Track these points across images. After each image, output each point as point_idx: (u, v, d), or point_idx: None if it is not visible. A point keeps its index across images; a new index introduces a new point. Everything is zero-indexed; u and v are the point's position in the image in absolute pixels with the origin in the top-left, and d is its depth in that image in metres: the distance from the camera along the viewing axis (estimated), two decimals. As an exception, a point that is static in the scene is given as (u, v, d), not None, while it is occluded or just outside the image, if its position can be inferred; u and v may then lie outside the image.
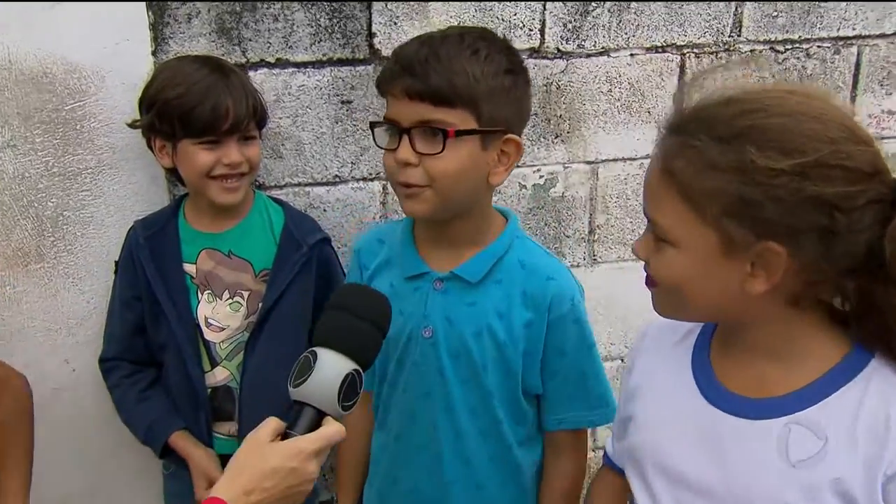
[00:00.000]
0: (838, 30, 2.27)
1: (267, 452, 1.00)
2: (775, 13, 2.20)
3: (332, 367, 1.05)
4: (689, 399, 1.10)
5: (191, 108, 1.63)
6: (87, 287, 1.92)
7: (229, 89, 1.67)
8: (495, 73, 1.32)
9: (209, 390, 1.80)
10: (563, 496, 1.55)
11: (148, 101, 1.70)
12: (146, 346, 1.83)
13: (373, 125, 1.42)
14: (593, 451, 2.42)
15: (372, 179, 2.05)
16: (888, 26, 2.32)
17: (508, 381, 1.46)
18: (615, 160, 2.22)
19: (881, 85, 2.37)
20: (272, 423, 1.04)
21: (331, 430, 1.03)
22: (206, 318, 1.79)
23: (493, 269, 1.44)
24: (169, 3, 1.80)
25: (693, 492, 1.07)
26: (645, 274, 1.07)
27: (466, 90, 1.30)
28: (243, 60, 1.88)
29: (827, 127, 0.92)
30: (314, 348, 1.07)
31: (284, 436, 1.03)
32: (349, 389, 1.05)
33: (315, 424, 1.04)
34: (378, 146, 1.40)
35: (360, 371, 1.07)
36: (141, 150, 1.83)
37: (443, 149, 1.30)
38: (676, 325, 1.16)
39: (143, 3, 1.78)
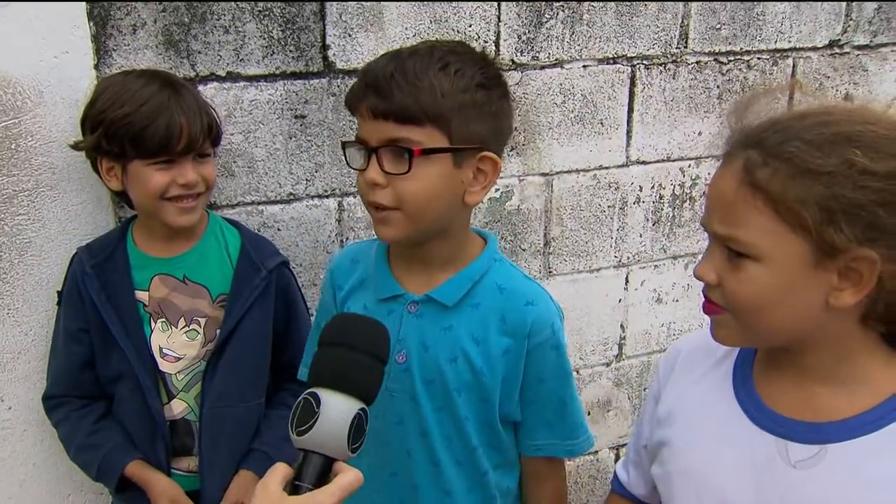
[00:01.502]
0: (775, 42, 2.35)
1: None
2: (719, 26, 2.25)
3: (337, 409, 0.97)
4: (735, 422, 1.06)
5: (142, 128, 1.52)
6: (24, 318, 1.78)
7: (182, 106, 1.57)
8: (465, 88, 1.25)
9: (167, 424, 1.69)
10: None
11: (93, 121, 1.57)
12: (95, 381, 1.70)
13: (345, 145, 1.35)
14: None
15: (327, 196, 1.98)
16: (819, 40, 2.41)
17: (484, 407, 1.41)
18: (569, 172, 2.22)
19: (814, 96, 2.44)
20: (281, 471, 0.96)
21: (348, 478, 0.95)
22: (160, 348, 1.68)
23: (470, 292, 1.38)
24: (112, 13, 1.69)
25: None
26: (703, 301, 1.03)
27: (433, 107, 1.22)
28: (192, 74, 1.78)
29: None
30: (314, 390, 0.99)
31: (293, 487, 0.95)
32: (357, 430, 0.98)
33: (324, 472, 0.97)
34: (350, 167, 1.33)
35: (366, 409, 1.00)
36: (84, 171, 1.71)
37: (409, 168, 1.24)
38: (710, 348, 1.12)
39: (84, 14, 1.67)
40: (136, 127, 1.53)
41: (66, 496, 1.92)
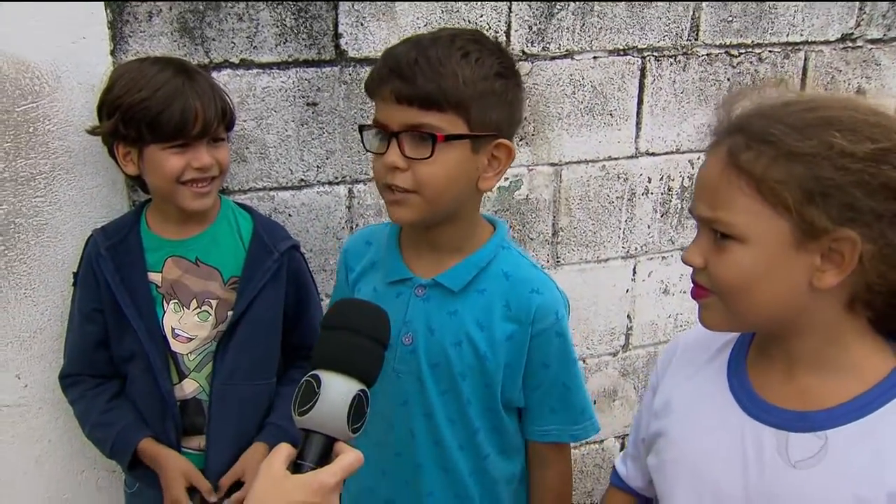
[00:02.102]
0: (787, 35, 2.35)
1: (288, 488, 0.94)
2: (730, 18, 2.26)
3: (337, 390, 1.00)
4: (729, 413, 1.08)
5: (158, 113, 1.56)
6: (41, 298, 1.82)
7: (197, 91, 1.60)
8: (485, 77, 1.29)
9: (178, 403, 1.73)
10: None
11: (109, 107, 1.61)
12: (109, 360, 1.75)
13: (362, 128, 1.38)
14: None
15: (338, 183, 2.01)
16: (831, 33, 2.41)
17: (487, 392, 1.44)
18: (578, 162, 2.23)
19: (826, 89, 2.46)
20: (284, 451, 0.99)
21: (349, 458, 0.98)
22: (172, 329, 1.72)
23: (476, 278, 1.41)
24: (128, 0, 1.73)
25: None
26: (692, 286, 1.05)
27: (455, 94, 1.26)
28: (206, 61, 1.81)
29: (892, 120, 0.95)
30: (316, 372, 1.02)
31: (296, 466, 0.98)
32: (357, 411, 1.01)
33: (326, 451, 0.99)
34: (367, 150, 1.36)
35: (366, 391, 1.03)
36: (99, 155, 1.74)
37: (432, 153, 1.27)
38: (707, 342, 1.15)
39: (102, 1, 1.70)
40: (152, 111, 1.56)
41: (80, 472, 1.97)
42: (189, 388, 1.74)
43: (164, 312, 1.71)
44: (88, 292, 1.71)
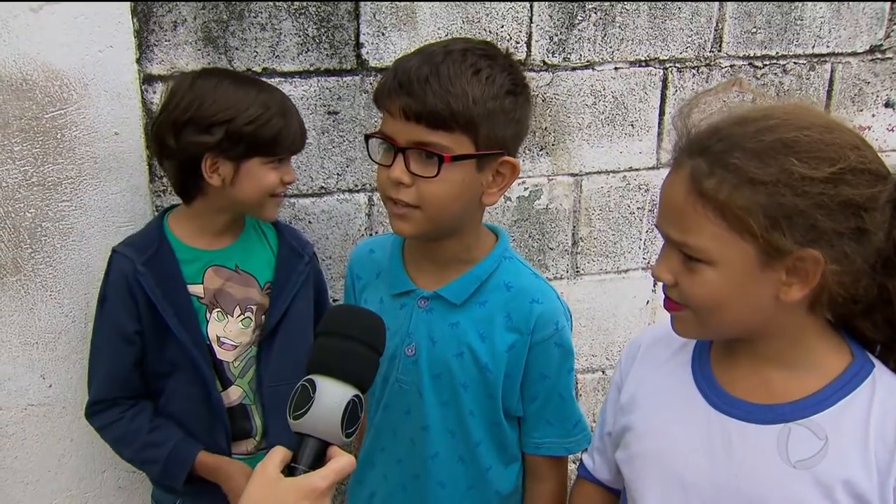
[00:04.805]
0: (813, 47, 2.33)
1: (280, 490, 0.96)
2: (754, 29, 2.24)
3: (331, 396, 1.01)
4: (694, 406, 1.13)
5: (278, 130, 1.60)
6: (65, 300, 1.86)
7: (293, 109, 1.67)
8: (495, 95, 1.28)
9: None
10: None
11: (204, 123, 1.57)
12: (142, 378, 1.72)
13: (367, 137, 1.38)
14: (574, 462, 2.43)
15: (358, 191, 2.03)
16: (859, 45, 2.38)
17: (489, 403, 1.44)
18: (599, 173, 2.23)
19: (853, 101, 2.44)
20: (279, 454, 1.00)
21: (342, 462, 0.99)
22: (217, 338, 1.72)
23: (478, 290, 1.41)
24: (154, 10, 1.77)
25: (704, 496, 1.10)
26: (663, 297, 1.09)
27: (464, 114, 1.25)
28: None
29: (846, 135, 0.99)
30: (311, 377, 1.03)
31: (290, 469, 0.99)
32: (351, 416, 1.01)
33: (320, 455, 1.01)
34: (371, 159, 1.38)
35: (361, 396, 1.04)
36: (123, 161, 1.79)
37: (437, 173, 1.27)
38: (669, 338, 1.18)
39: (128, 10, 1.74)
40: (273, 129, 1.60)
41: (102, 472, 2.01)
42: (234, 395, 1.75)
43: (208, 323, 1.72)
44: (127, 314, 1.66)
